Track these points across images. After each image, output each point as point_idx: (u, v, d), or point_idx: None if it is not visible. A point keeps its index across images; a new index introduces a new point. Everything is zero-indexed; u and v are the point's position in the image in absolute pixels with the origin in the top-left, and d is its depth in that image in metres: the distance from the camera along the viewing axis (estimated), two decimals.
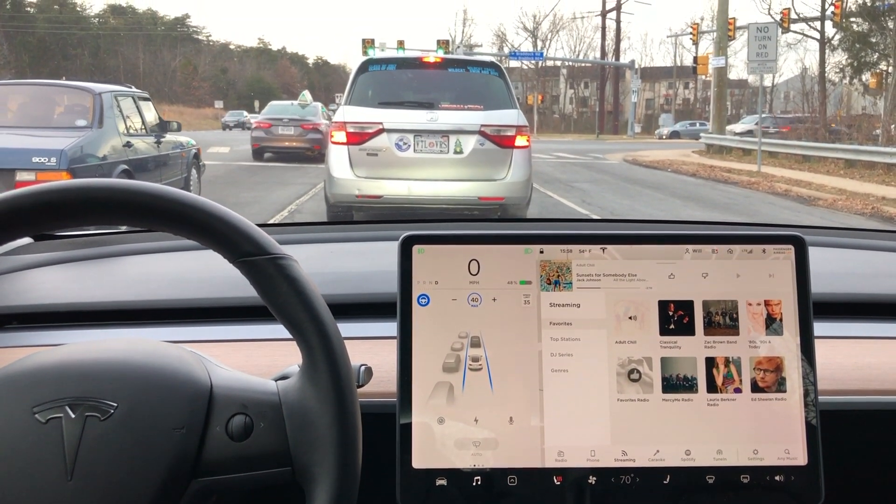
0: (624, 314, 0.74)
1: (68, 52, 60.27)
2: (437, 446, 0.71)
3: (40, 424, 0.60)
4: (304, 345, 0.62)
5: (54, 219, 0.61)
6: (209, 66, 67.79)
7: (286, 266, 0.62)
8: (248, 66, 74.20)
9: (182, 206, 0.61)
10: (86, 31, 63.68)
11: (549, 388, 0.73)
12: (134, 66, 60.46)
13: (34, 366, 0.64)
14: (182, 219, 0.62)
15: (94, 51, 62.81)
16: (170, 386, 0.63)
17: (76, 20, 63.59)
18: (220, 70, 68.39)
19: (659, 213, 9.91)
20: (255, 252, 0.62)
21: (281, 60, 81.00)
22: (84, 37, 63.07)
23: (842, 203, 10.69)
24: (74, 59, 60.28)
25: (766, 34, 15.63)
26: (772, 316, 0.74)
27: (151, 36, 66.78)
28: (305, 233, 1.33)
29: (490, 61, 6.85)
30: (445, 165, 6.13)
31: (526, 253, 0.74)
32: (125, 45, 63.45)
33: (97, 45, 63.87)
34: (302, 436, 0.62)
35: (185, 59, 64.86)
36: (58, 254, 1.16)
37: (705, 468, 0.72)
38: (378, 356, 0.81)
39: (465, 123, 6.13)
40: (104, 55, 62.61)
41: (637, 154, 22.97)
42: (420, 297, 0.73)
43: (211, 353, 0.71)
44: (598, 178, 14.54)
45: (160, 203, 0.61)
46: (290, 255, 0.63)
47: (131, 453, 0.59)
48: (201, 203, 0.62)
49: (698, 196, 11.85)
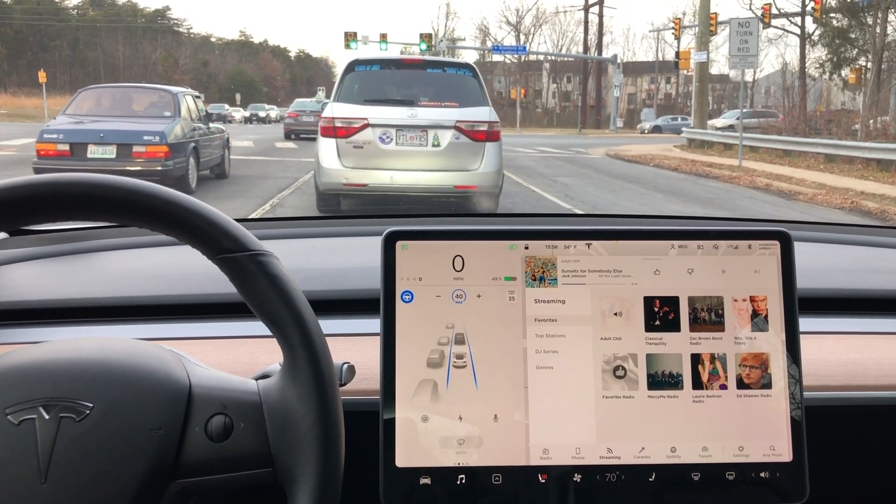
0: (609, 310, 0.74)
1: (46, 43, 59.50)
2: (420, 444, 0.71)
3: (13, 426, 0.58)
4: (285, 343, 0.61)
5: (31, 214, 0.59)
6: (190, 58, 67.17)
7: (267, 263, 0.61)
8: (230, 59, 73.65)
9: (159, 201, 0.60)
10: (64, 23, 62.89)
11: (534, 386, 0.72)
12: (113, 59, 59.83)
13: (6, 366, 0.62)
14: (159, 215, 0.60)
15: (73, 43, 62.08)
16: (147, 386, 0.61)
17: (54, 11, 62.78)
18: (200, 63, 67.82)
19: (641, 207, 9.95)
20: (234, 248, 0.61)
21: (262, 53, 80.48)
22: (62, 28, 62.29)
23: (822, 198, 10.79)
24: (52, 51, 59.54)
25: (747, 29, 15.74)
26: (757, 312, 0.74)
27: (131, 28, 66.08)
28: (287, 227, 1.32)
29: (465, 63, 7.61)
30: (424, 157, 6.71)
31: (511, 249, 0.74)
32: (104, 37, 62.77)
33: (76, 37, 63.12)
34: (283, 436, 0.61)
35: (166, 51, 64.25)
36: (33, 249, 1.14)
37: (691, 465, 0.72)
38: (361, 353, 0.80)
39: (442, 119, 6.72)
40: (83, 47, 61.90)
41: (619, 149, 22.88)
42: (404, 293, 0.72)
43: (191, 351, 0.70)
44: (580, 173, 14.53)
45: (137, 198, 0.59)
46: (271, 251, 0.62)
47: (108, 455, 0.58)
48: (179, 198, 0.60)
49: (680, 190, 11.91)
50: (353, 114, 6.66)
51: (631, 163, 17.92)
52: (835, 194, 11.02)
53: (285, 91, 74.93)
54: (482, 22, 69.95)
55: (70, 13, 66.01)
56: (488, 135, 6.75)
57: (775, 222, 1.27)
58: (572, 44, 61.31)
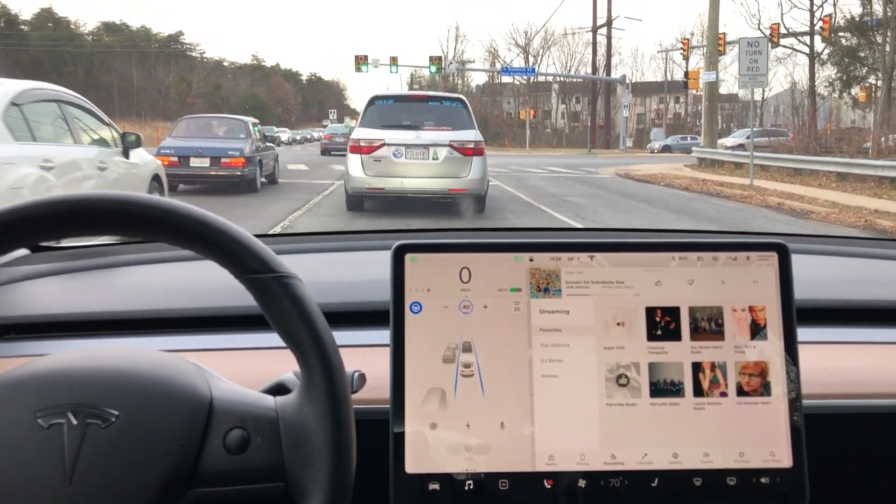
0: (612, 320, 0.76)
1: (62, 69, 60.31)
2: (429, 452, 0.73)
3: (42, 429, 0.61)
4: (304, 363, 0.64)
5: (66, 229, 0.62)
6: (203, 82, 67.92)
7: (291, 285, 0.64)
8: (242, 83, 74.44)
9: (191, 221, 0.63)
10: (79, 49, 63.76)
11: (539, 394, 0.74)
12: (128, 83, 60.53)
13: (38, 371, 0.65)
14: (191, 234, 0.63)
15: (88, 68, 62.87)
16: (171, 397, 0.64)
17: (70, 37, 63.68)
18: (213, 87, 68.54)
19: (653, 226, 9.95)
20: (261, 270, 0.63)
21: (274, 77, 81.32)
22: (78, 54, 63.16)
23: (835, 216, 10.74)
24: (68, 77, 60.35)
25: (756, 48, 15.75)
26: (756, 321, 0.76)
27: (145, 53, 66.93)
28: (301, 242, 1.35)
29: (457, 97, 10.34)
30: (426, 168, 9.21)
31: (516, 261, 0.76)
32: (119, 62, 63.55)
33: (91, 62, 63.96)
34: (297, 452, 0.63)
35: (179, 75, 64.96)
36: (55, 265, 1.18)
37: (692, 471, 0.74)
38: (371, 363, 0.82)
39: (440, 139, 9.22)
40: (97, 72, 62.66)
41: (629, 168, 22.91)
42: (412, 304, 0.75)
43: (208, 362, 0.72)
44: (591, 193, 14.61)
45: (170, 218, 0.62)
46: (295, 274, 0.65)
47: (130, 462, 0.60)
48: (209, 218, 0.63)
49: (692, 210, 11.90)
50: (374, 136, 9.17)
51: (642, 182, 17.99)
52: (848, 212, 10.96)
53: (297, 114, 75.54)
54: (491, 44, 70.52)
55: (85, 39, 66.95)
56: (474, 151, 9.24)
57: (773, 235, 1.29)
58: (581, 65, 61.62)
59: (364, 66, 38.00)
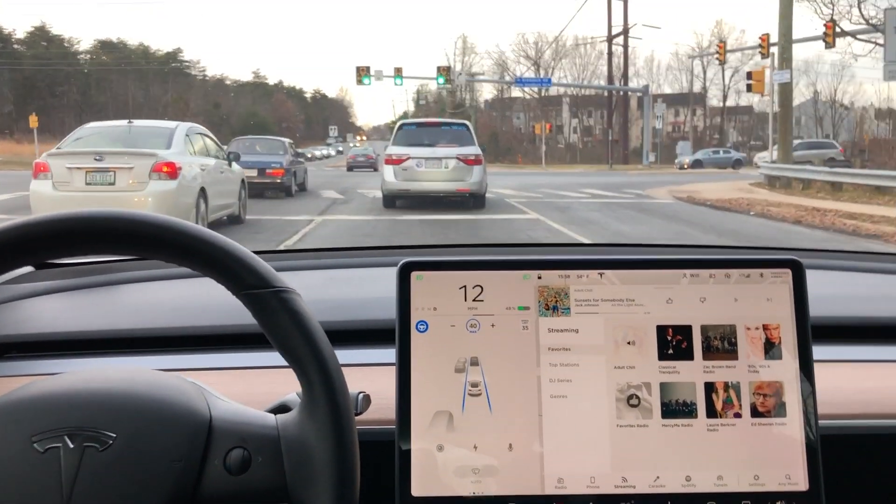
0: (622, 339, 0.77)
1: (55, 89, 60.92)
2: (436, 474, 0.74)
3: (38, 453, 0.62)
4: (304, 379, 0.65)
5: (59, 248, 0.64)
6: (202, 101, 68.49)
7: (289, 300, 0.65)
8: (243, 101, 75.03)
9: (187, 237, 0.64)
10: (73, 67, 64.43)
11: (548, 415, 0.76)
12: (124, 103, 61.07)
13: (34, 394, 0.66)
14: (186, 250, 0.64)
15: (83, 87, 63.50)
16: (169, 418, 0.65)
17: (63, 56, 64.41)
18: (212, 105, 69.11)
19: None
20: (258, 285, 0.65)
21: (277, 94, 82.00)
22: (72, 73, 63.82)
23: None
24: (62, 97, 60.94)
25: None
26: (770, 340, 0.78)
27: (142, 71, 67.62)
28: (304, 259, 1.38)
29: (462, 122, 15.29)
30: (440, 174, 13.33)
31: (524, 279, 0.78)
32: (115, 81, 64.21)
33: (86, 81, 64.63)
34: (300, 471, 0.64)
35: (177, 94, 65.52)
36: (58, 282, 1.21)
37: (706, 494, 0.75)
38: (376, 383, 0.84)
39: (449, 154, 13.31)
40: (93, 92, 63.28)
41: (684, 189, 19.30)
42: (419, 323, 0.76)
43: (210, 382, 0.74)
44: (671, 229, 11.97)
45: (165, 234, 0.64)
46: (293, 288, 0.66)
47: (129, 485, 0.62)
48: (205, 235, 0.65)
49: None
50: (402, 152, 13.37)
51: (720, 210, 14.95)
52: None
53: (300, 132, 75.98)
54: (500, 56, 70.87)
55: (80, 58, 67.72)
56: (475, 161, 13.29)
57: (787, 250, 1.30)
58: (594, 77, 61.89)
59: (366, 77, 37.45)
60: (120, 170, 8.82)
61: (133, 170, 8.83)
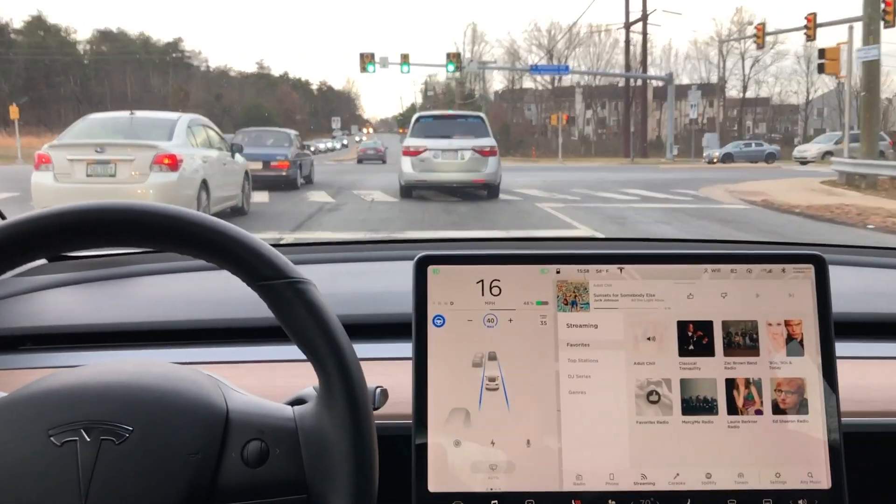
0: (642, 335, 0.79)
1: (52, 79, 61.16)
2: (453, 469, 0.76)
3: (55, 447, 0.64)
4: (321, 371, 0.67)
5: (74, 240, 0.65)
6: (203, 92, 68.63)
7: (304, 290, 0.67)
8: (247, 93, 75.15)
9: (201, 228, 0.66)
10: (70, 57, 64.62)
11: (566, 411, 0.78)
12: (122, 94, 61.25)
13: (50, 388, 0.68)
14: (201, 242, 0.66)
15: (82, 78, 63.73)
16: (186, 411, 0.67)
17: (60, 45, 64.64)
18: (213, 97, 69.25)
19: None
20: (273, 276, 0.66)
21: (281, 86, 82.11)
22: (69, 63, 64.06)
23: None
24: (58, 87, 61.17)
25: None
26: (792, 336, 0.79)
27: (142, 62, 67.79)
28: (321, 252, 1.40)
29: (477, 114, 16.37)
30: (456, 165, 13.96)
31: (542, 273, 0.80)
32: (114, 72, 64.41)
33: (85, 72, 64.86)
34: (318, 463, 0.66)
35: (177, 85, 65.67)
36: (72, 275, 1.24)
37: (727, 492, 0.76)
38: (393, 377, 0.86)
39: (465, 145, 13.97)
40: (91, 83, 63.49)
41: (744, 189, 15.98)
42: (435, 317, 0.78)
43: (227, 375, 0.76)
44: None
45: (179, 225, 0.65)
46: (309, 279, 0.68)
47: (146, 478, 0.63)
48: (220, 226, 0.66)
49: None
50: (419, 144, 14.01)
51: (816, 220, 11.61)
52: None
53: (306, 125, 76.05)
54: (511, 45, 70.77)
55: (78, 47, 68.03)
56: (490, 152, 14.00)
57: (809, 245, 1.31)
58: (608, 66, 61.68)
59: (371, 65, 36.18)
60: (121, 162, 8.91)
61: (134, 162, 8.92)
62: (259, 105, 69.99)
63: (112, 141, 9.28)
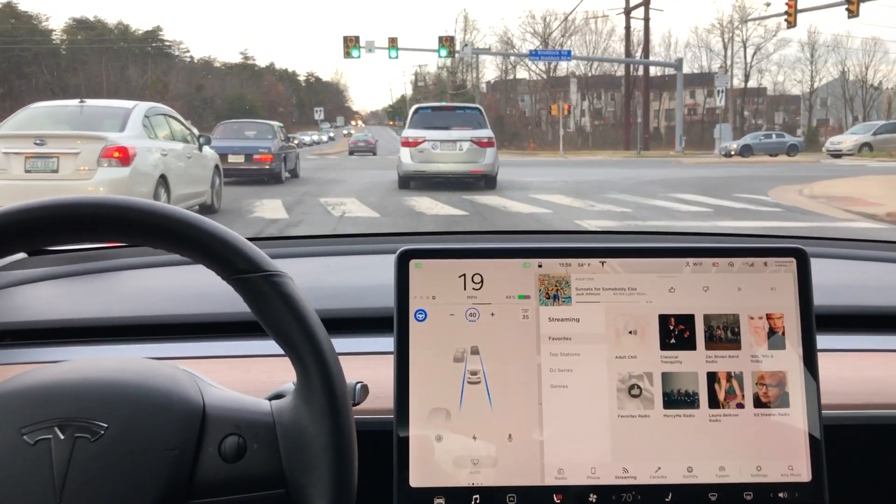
0: (624, 328, 0.82)
1: (22, 70, 60.79)
2: (435, 464, 0.79)
3: (28, 446, 0.65)
4: (298, 364, 0.69)
5: (50, 235, 0.67)
6: (184, 83, 68.33)
7: (280, 283, 0.68)
8: (230, 84, 74.86)
9: (173, 222, 0.67)
10: (42, 46, 64.20)
11: (548, 405, 0.81)
12: (98, 84, 60.91)
13: (22, 386, 0.69)
14: (174, 235, 0.67)
15: (55, 68, 63.36)
16: (162, 406, 0.68)
17: (32, 33, 64.25)
18: (195, 88, 68.95)
19: None
20: (248, 269, 0.68)
21: (266, 77, 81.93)
22: (42, 52, 63.68)
23: None
24: (30, 78, 60.81)
25: None
26: (774, 329, 0.82)
27: (120, 51, 67.45)
28: (301, 246, 1.43)
29: (475, 105, 17.25)
30: (454, 156, 14.75)
31: (524, 267, 0.83)
32: (91, 61, 64.05)
33: (58, 62, 64.48)
34: (296, 457, 0.68)
35: (155, 76, 65.32)
36: (51, 269, 1.26)
37: (708, 485, 0.80)
38: (375, 372, 0.88)
39: (463, 136, 14.78)
40: (65, 73, 63.11)
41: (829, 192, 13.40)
42: (417, 312, 0.81)
43: (206, 370, 0.78)
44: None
45: (151, 219, 0.66)
46: (285, 271, 0.69)
47: (122, 475, 0.65)
48: (193, 219, 0.68)
49: None
50: (417, 135, 14.77)
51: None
52: None
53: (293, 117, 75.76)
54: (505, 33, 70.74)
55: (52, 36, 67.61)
56: (487, 144, 14.81)
57: (791, 238, 1.35)
58: (606, 55, 61.77)
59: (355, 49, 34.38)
60: (64, 155, 8.17)
61: (80, 155, 8.17)
62: (242, 96, 69.79)
63: (53, 132, 8.47)
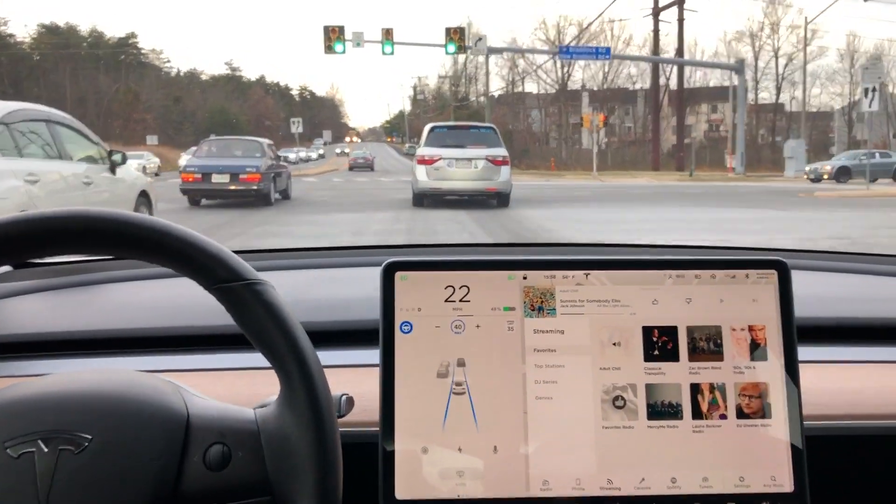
0: (608, 340, 0.91)
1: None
2: (420, 476, 0.87)
3: (12, 459, 0.71)
4: (281, 372, 0.75)
5: (32, 248, 0.73)
6: (160, 94, 68.40)
7: (262, 292, 0.75)
8: (214, 97, 74.95)
9: (154, 233, 0.73)
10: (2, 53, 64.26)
11: (533, 416, 0.89)
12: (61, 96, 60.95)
13: (5, 400, 0.75)
14: (154, 246, 0.73)
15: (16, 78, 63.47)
16: (145, 416, 0.75)
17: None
18: (172, 99, 69.09)
19: None
20: (230, 278, 0.74)
21: (254, 89, 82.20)
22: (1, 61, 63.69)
23: None
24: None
25: None
26: (756, 341, 0.91)
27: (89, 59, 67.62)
28: (286, 259, 1.52)
29: (490, 125, 19.03)
30: (469, 174, 16.38)
31: (510, 279, 0.91)
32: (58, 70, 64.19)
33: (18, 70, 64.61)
34: (281, 464, 0.74)
35: (126, 86, 65.25)
36: (36, 282, 1.35)
37: (691, 496, 0.88)
38: (361, 385, 0.97)
39: (478, 155, 16.33)
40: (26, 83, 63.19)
41: None
42: (403, 324, 0.89)
43: (191, 383, 0.85)
44: None
45: (132, 231, 0.72)
46: (267, 280, 0.76)
47: (107, 486, 0.71)
48: (173, 229, 0.74)
49: None
50: (433, 153, 16.35)
51: None
52: None
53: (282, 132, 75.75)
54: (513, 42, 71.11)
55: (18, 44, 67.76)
56: (502, 162, 16.43)
57: (773, 251, 1.44)
58: (622, 65, 62.18)
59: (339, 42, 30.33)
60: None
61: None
62: (224, 110, 69.91)
63: None
